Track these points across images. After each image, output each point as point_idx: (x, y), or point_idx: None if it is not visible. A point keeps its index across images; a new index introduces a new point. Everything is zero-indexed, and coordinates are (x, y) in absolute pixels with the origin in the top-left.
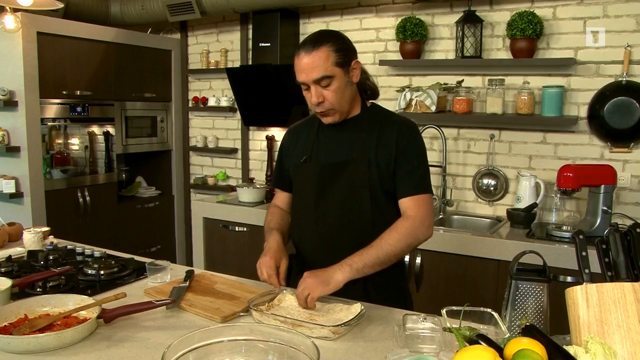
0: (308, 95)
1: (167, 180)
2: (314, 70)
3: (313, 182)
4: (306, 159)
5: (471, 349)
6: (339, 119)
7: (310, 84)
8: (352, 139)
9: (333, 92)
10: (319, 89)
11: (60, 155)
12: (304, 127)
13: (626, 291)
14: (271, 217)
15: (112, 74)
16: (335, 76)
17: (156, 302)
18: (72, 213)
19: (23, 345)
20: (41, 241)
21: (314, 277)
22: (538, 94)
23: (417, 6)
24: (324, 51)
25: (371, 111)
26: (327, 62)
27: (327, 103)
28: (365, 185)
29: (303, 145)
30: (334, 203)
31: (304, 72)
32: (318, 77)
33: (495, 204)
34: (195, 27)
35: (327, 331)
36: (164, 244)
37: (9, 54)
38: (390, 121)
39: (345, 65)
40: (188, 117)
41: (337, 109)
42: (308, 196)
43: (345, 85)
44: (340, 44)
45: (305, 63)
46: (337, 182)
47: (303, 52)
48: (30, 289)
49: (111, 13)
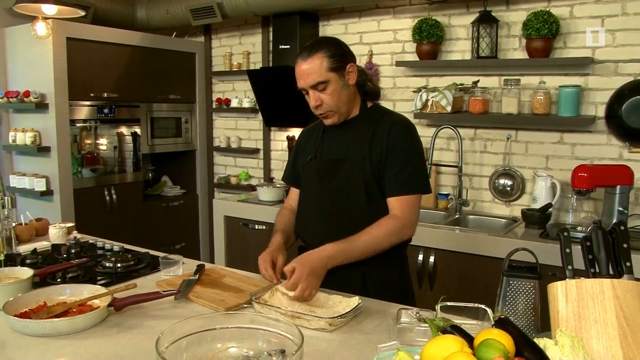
0: (308, 99)
1: (192, 179)
2: (310, 76)
3: (314, 178)
4: (311, 158)
5: (441, 338)
6: (339, 120)
7: (307, 88)
8: (350, 138)
9: (329, 95)
10: (316, 93)
11: (90, 155)
12: (314, 128)
13: (605, 287)
14: (279, 219)
15: (138, 77)
16: (330, 81)
17: (163, 292)
18: (99, 210)
19: (39, 329)
20: (65, 236)
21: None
22: (554, 94)
23: (434, 7)
24: (318, 58)
25: (370, 111)
26: (322, 68)
27: (325, 105)
28: (360, 180)
29: (311, 145)
30: (333, 197)
31: (301, 79)
32: (314, 83)
33: (512, 204)
34: (218, 30)
35: (324, 323)
36: (188, 242)
37: (40, 58)
38: (384, 120)
39: (340, 69)
40: (212, 118)
41: (335, 111)
42: (310, 191)
43: (341, 88)
44: (334, 50)
45: (302, 70)
46: (336, 178)
47: (300, 60)
48: (51, 279)
49: (137, 17)
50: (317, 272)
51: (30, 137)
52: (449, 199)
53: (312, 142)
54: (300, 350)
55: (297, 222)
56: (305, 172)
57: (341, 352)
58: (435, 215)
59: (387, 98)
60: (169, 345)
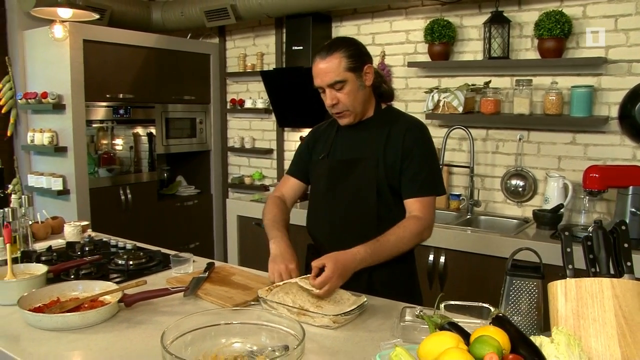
0: (324, 97)
1: (206, 179)
2: (328, 75)
3: (326, 177)
4: (324, 156)
5: (438, 334)
6: (354, 120)
7: (325, 87)
8: (364, 138)
9: (346, 94)
10: (333, 92)
11: (107, 155)
12: (326, 128)
13: (604, 286)
14: (276, 211)
15: (153, 78)
16: (348, 80)
17: (171, 289)
18: (115, 210)
19: (52, 323)
20: (80, 234)
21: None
22: (567, 94)
23: (446, 8)
24: (336, 57)
25: (384, 113)
26: (340, 68)
27: (341, 105)
28: (373, 181)
29: (323, 144)
30: (343, 197)
31: (318, 77)
32: (331, 82)
33: (524, 205)
34: (232, 32)
35: (328, 320)
36: (202, 241)
37: (58, 60)
38: (399, 122)
39: (358, 70)
40: (226, 118)
41: (351, 111)
42: (321, 190)
43: (358, 89)
44: (352, 50)
45: (320, 68)
46: (347, 178)
47: (318, 59)
48: (64, 275)
49: (153, 19)
50: (345, 275)
51: (48, 138)
52: (461, 200)
53: (325, 141)
54: (301, 345)
55: (307, 219)
56: (317, 170)
57: (345, 348)
58: (447, 215)
59: (399, 99)
60: (174, 340)
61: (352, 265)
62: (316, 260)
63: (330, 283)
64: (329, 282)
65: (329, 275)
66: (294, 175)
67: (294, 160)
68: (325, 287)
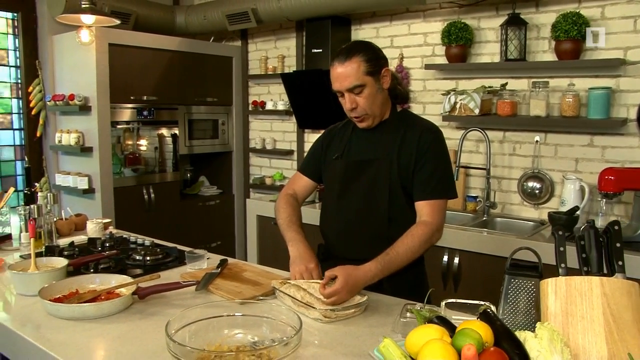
0: (343, 101)
1: (228, 180)
2: (347, 79)
3: (339, 177)
4: (337, 156)
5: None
6: (373, 123)
7: (344, 91)
8: (378, 140)
9: (365, 98)
10: (352, 96)
11: (132, 156)
12: (341, 129)
13: (594, 285)
14: (290, 211)
15: (176, 80)
16: (367, 84)
17: (183, 283)
18: (138, 209)
19: (69, 313)
20: (102, 231)
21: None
22: (584, 96)
23: (464, 10)
24: (355, 62)
25: (400, 115)
26: (359, 72)
27: (360, 109)
28: (386, 183)
29: (338, 144)
30: (356, 197)
31: (337, 81)
32: (350, 86)
33: (541, 207)
34: (254, 35)
35: (318, 313)
36: (223, 240)
37: (84, 63)
38: (414, 125)
39: (376, 73)
40: (248, 120)
41: (370, 114)
42: (334, 190)
43: (376, 92)
44: (370, 54)
45: (339, 73)
46: (360, 178)
47: (337, 63)
48: (84, 269)
49: (177, 23)
50: (354, 291)
51: (74, 138)
52: (478, 201)
53: (339, 141)
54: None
55: (320, 218)
56: (331, 170)
57: (345, 342)
58: (463, 217)
59: (417, 101)
60: (179, 329)
61: (362, 282)
62: (329, 271)
63: (338, 296)
64: (337, 295)
65: (338, 288)
66: (305, 174)
67: (307, 158)
68: (333, 299)
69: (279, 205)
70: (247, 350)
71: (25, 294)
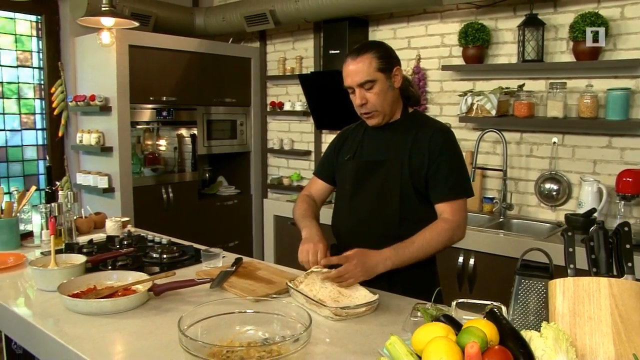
0: (354, 98)
1: (246, 180)
2: (358, 74)
3: (351, 178)
4: (349, 157)
5: (431, 324)
6: (382, 120)
7: (355, 87)
8: (390, 140)
9: (375, 94)
10: (362, 92)
11: (152, 156)
12: (353, 130)
13: (602, 286)
14: (306, 206)
15: (195, 81)
16: (378, 80)
17: (197, 280)
18: (157, 208)
19: (87, 308)
20: (120, 229)
21: (360, 265)
22: (602, 97)
23: (481, 11)
24: (367, 58)
25: (411, 116)
26: (370, 68)
27: (370, 105)
28: (397, 183)
29: (350, 145)
30: (367, 197)
31: (349, 77)
32: (362, 81)
33: (558, 209)
34: (273, 36)
35: (329, 312)
36: (241, 240)
37: (105, 65)
38: (426, 126)
39: (387, 71)
40: (266, 120)
41: (379, 111)
42: (346, 190)
43: (387, 89)
44: (382, 52)
45: (350, 69)
46: (372, 179)
47: (349, 59)
48: (102, 266)
49: (196, 25)
50: (368, 268)
51: (95, 138)
52: (494, 203)
53: (351, 142)
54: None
55: (332, 218)
56: (343, 171)
57: (355, 340)
58: (480, 218)
59: (434, 102)
60: (192, 325)
61: (374, 261)
62: (343, 254)
63: (351, 272)
64: (350, 272)
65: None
66: (320, 177)
67: (321, 161)
68: (346, 276)
69: (295, 204)
70: (258, 346)
71: (45, 290)
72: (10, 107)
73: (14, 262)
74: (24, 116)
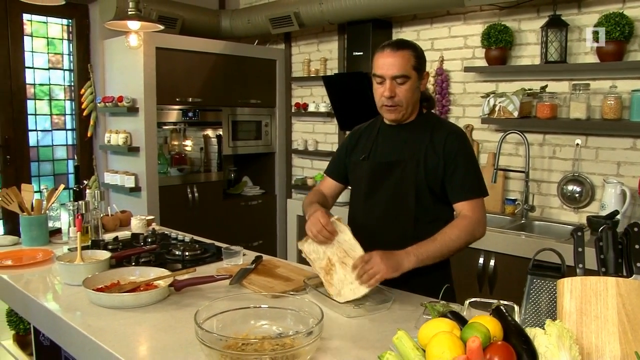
0: (380, 89)
1: (271, 180)
2: (395, 67)
3: (366, 178)
4: (364, 157)
5: (437, 320)
6: (402, 117)
7: (387, 78)
8: (405, 141)
9: (406, 90)
10: (394, 85)
11: (178, 156)
12: (366, 129)
13: (609, 285)
14: (313, 196)
15: (220, 82)
16: (411, 77)
17: (217, 277)
18: (182, 207)
19: (109, 301)
20: (145, 227)
21: (385, 259)
22: (627, 98)
23: (504, 12)
24: (407, 53)
25: (425, 118)
26: (408, 64)
27: (398, 99)
28: (412, 184)
29: (363, 145)
30: (382, 198)
31: (385, 67)
32: (398, 74)
33: (581, 211)
34: (297, 38)
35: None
36: (265, 239)
37: (132, 67)
38: (440, 128)
39: (420, 71)
40: (291, 121)
41: (403, 107)
42: (361, 190)
43: (415, 89)
44: (419, 53)
45: (388, 60)
46: (387, 179)
47: (388, 50)
48: (126, 262)
49: (222, 27)
50: (394, 264)
51: (122, 138)
52: (516, 204)
53: (365, 142)
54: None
55: (349, 217)
56: (357, 171)
57: (367, 336)
58: (502, 220)
59: (456, 103)
60: (208, 319)
61: (398, 254)
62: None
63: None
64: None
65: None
66: (331, 176)
67: (332, 160)
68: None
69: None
70: (272, 339)
71: (71, 284)
72: (42, 108)
73: (42, 258)
74: (55, 117)
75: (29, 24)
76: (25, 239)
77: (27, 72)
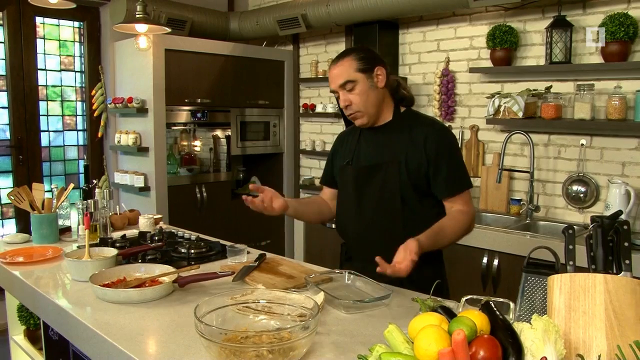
0: (340, 102)
1: (279, 180)
2: (339, 77)
3: (352, 184)
4: (348, 162)
5: (426, 314)
6: (368, 121)
7: (337, 89)
8: (385, 142)
9: (357, 95)
10: (345, 94)
11: (188, 156)
12: (350, 133)
13: (597, 281)
14: (307, 198)
15: (229, 84)
16: (358, 81)
17: (219, 273)
18: (190, 207)
19: (115, 297)
20: (152, 225)
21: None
22: (631, 99)
23: (510, 13)
24: (347, 60)
25: (402, 116)
26: (350, 69)
27: (354, 106)
28: (396, 186)
29: (347, 149)
30: (370, 203)
31: (332, 81)
32: (342, 82)
33: (585, 211)
34: (305, 39)
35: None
36: (273, 239)
37: (142, 68)
38: (419, 124)
39: (368, 71)
40: (299, 122)
41: (363, 111)
42: (349, 196)
43: (369, 89)
44: (362, 54)
45: (333, 73)
46: (372, 183)
47: (332, 65)
48: (133, 259)
49: (230, 29)
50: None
51: (132, 139)
52: (521, 205)
53: (348, 146)
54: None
55: (336, 222)
56: (342, 176)
57: (365, 332)
58: (507, 220)
59: (462, 104)
60: (208, 313)
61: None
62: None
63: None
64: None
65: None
66: (326, 184)
67: (325, 168)
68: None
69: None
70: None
71: (79, 280)
72: (54, 109)
73: (52, 255)
74: (67, 117)
75: (42, 26)
76: (35, 236)
77: (39, 73)
